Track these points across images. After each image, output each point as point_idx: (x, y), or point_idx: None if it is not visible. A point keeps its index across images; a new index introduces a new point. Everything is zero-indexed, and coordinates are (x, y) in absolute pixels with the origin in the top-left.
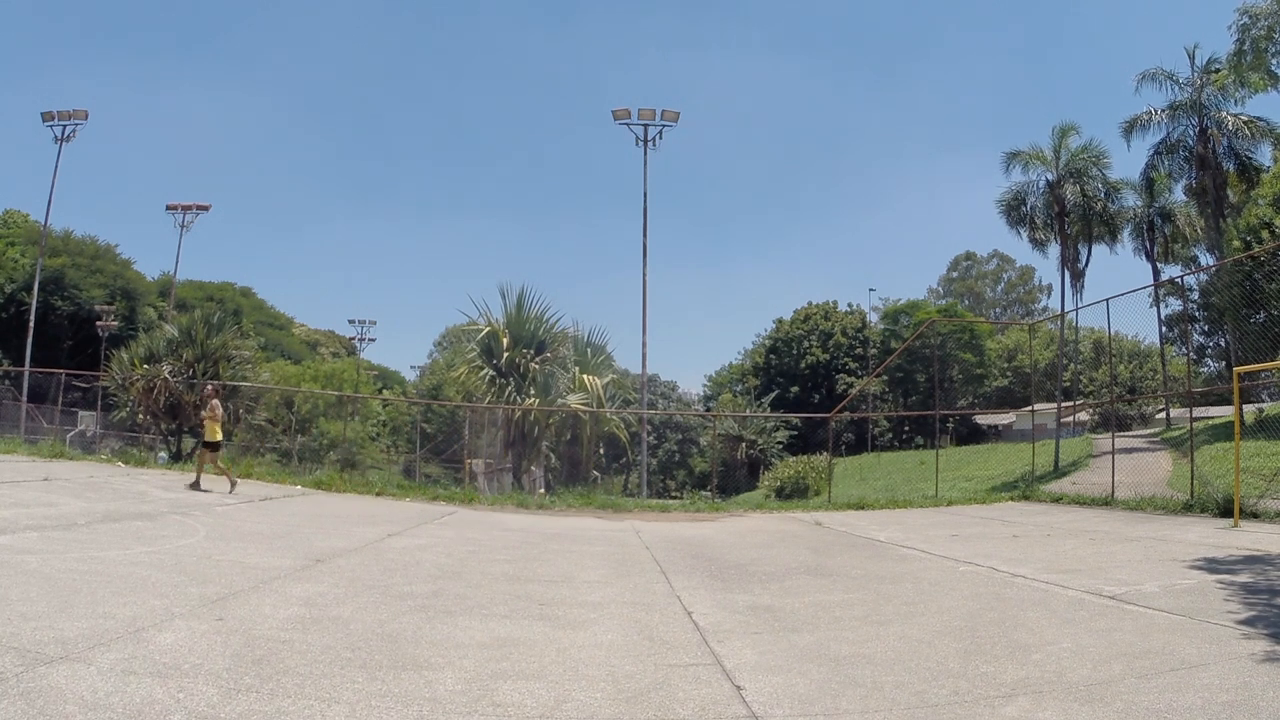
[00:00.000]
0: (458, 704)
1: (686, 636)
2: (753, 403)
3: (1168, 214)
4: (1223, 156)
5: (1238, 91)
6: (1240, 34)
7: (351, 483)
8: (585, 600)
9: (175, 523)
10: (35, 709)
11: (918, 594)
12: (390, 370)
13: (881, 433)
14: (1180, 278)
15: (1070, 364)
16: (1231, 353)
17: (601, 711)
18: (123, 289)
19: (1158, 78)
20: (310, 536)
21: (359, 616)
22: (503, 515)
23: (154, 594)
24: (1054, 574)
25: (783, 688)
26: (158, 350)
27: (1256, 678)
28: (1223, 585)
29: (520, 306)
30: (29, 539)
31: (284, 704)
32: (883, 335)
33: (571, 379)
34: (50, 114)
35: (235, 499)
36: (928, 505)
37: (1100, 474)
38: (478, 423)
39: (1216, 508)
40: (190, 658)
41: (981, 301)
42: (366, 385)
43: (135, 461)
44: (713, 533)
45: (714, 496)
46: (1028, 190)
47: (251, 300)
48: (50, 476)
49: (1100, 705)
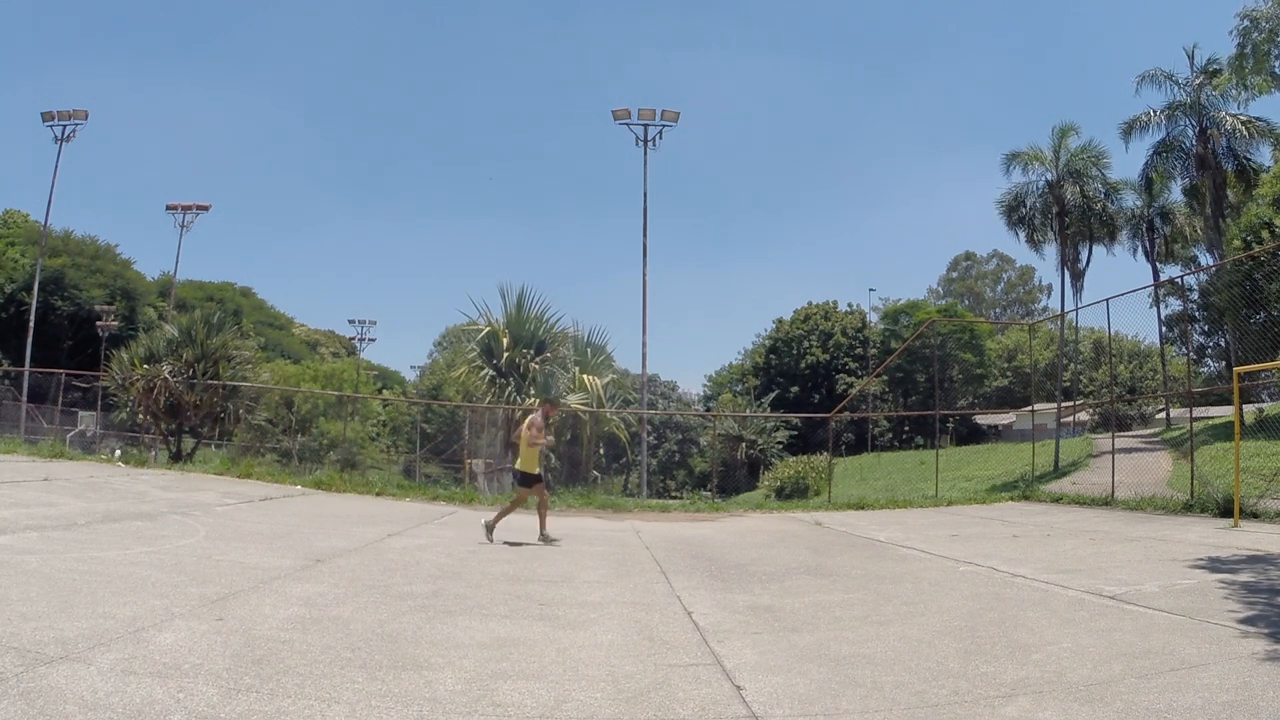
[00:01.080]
0: (458, 704)
1: (686, 636)
2: (753, 403)
3: (1167, 214)
4: (1222, 157)
5: (1240, 94)
6: (1241, 37)
7: (351, 483)
8: (585, 600)
9: (175, 523)
10: (35, 709)
11: (918, 594)
12: (390, 370)
13: (881, 433)
14: (1180, 278)
15: (1070, 364)
16: (1231, 353)
17: (601, 711)
18: (123, 289)
19: (1157, 79)
20: (310, 536)
21: (359, 616)
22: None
23: (154, 594)
24: (1054, 574)
25: (783, 688)
26: (158, 350)
27: (1257, 677)
28: (1223, 585)
29: (520, 306)
30: (29, 539)
31: (284, 704)
32: (883, 335)
33: (571, 379)
34: (50, 114)
35: (235, 499)
36: (928, 505)
37: (1100, 474)
38: (478, 423)
39: (1216, 508)
40: (190, 658)
41: (981, 301)
42: (366, 385)
43: (135, 461)
44: (713, 533)
45: (714, 496)
46: (1027, 191)
47: (251, 300)
48: (50, 476)
49: (1100, 705)
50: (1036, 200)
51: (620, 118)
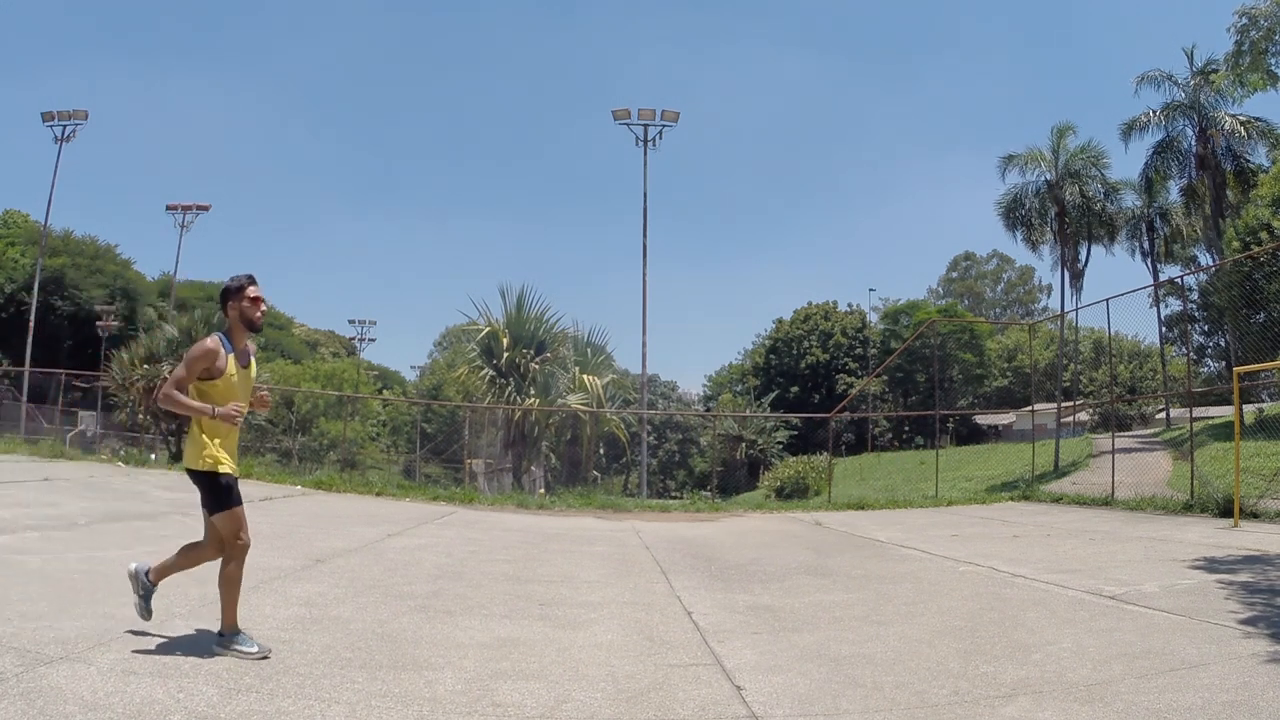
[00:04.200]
0: (458, 704)
1: (686, 636)
2: (753, 403)
3: (1166, 214)
4: (1222, 157)
5: (1235, 92)
6: (1239, 35)
7: (351, 483)
8: (585, 600)
9: (176, 523)
10: (35, 709)
11: (918, 594)
12: (390, 370)
13: (881, 433)
14: (1180, 278)
15: (1070, 364)
16: (1231, 353)
17: (601, 711)
18: (123, 289)
19: (1156, 79)
20: (310, 536)
21: (359, 616)
22: (503, 515)
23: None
24: (1054, 574)
25: (783, 688)
26: (158, 350)
27: (1257, 677)
28: (1223, 585)
29: (520, 307)
30: (29, 539)
31: (284, 704)
32: (883, 335)
33: (571, 379)
34: (50, 114)
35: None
36: (928, 505)
37: (1100, 474)
38: (478, 423)
39: (1216, 508)
40: (190, 657)
41: (981, 301)
42: (366, 385)
43: (135, 461)
44: (713, 533)
45: (714, 496)
46: (1025, 191)
47: None
48: (50, 476)
49: (1100, 705)
50: (1035, 201)
51: (620, 118)
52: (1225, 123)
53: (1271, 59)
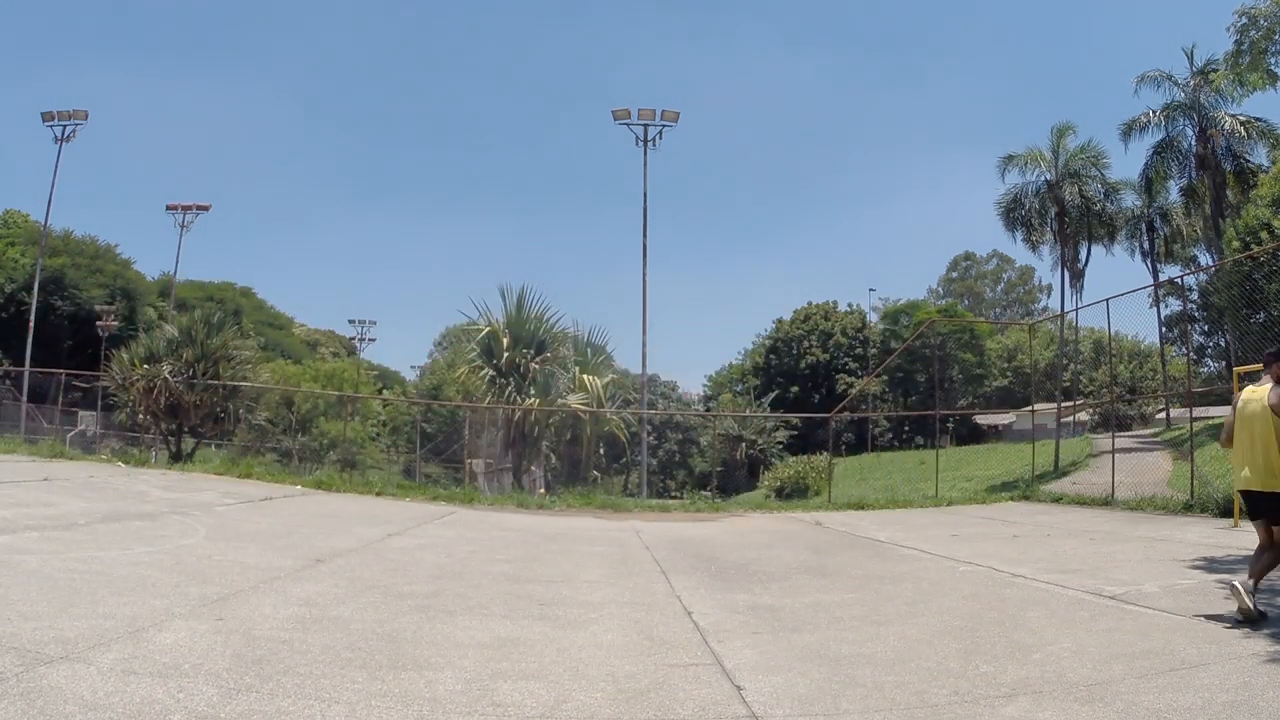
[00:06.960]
0: (458, 704)
1: (686, 636)
2: (753, 403)
3: (1167, 214)
4: (1222, 157)
5: (1235, 91)
6: (1239, 35)
7: (351, 483)
8: (585, 600)
9: (176, 523)
10: (35, 709)
11: (918, 594)
12: (390, 370)
13: (881, 433)
14: (1180, 278)
15: (1070, 364)
16: (1231, 353)
17: (601, 711)
18: (123, 289)
19: (1156, 79)
20: (310, 536)
21: (359, 616)
22: (503, 515)
23: (154, 594)
24: (1054, 574)
25: (783, 688)
26: (158, 350)
27: (1257, 678)
28: (1223, 585)
29: (520, 306)
30: (29, 539)
31: (284, 704)
32: (883, 335)
33: (571, 379)
34: (50, 114)
35: (235, 499)
36: (928, 505)
37: (1100, 474)
38: (478, 423)
39: (1216, 508)
40: (190, 658)
41: (981, 301)
42: (366, 385)
43: (135, 461)
44: (713, 533)
45: (714, 496)
46: (1025, 191)
47: (251, 300)
48: (50, 476)
49: (1100, 705)
50: (1035, 201)
51: (620, 118)
52: (1225, 123)
53: (1271, 59)
